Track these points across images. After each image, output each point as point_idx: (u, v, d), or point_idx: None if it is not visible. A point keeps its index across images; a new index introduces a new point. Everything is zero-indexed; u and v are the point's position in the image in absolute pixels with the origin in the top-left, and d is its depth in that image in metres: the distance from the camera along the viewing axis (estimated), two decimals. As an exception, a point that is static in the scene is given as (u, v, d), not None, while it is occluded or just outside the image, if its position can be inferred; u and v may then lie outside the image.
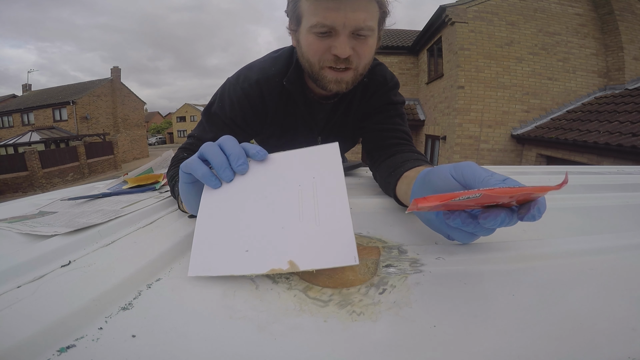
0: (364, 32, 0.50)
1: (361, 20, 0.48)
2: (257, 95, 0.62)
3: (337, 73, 0.54)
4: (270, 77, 0.62)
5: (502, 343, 0.22)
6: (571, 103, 5.74)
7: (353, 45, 0.51)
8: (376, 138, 0.67)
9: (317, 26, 0.49)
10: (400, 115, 0.69)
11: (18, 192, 9.93)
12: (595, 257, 0.34)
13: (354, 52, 0.52)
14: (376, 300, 0.27)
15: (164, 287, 0.30)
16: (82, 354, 0.21)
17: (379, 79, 0.69)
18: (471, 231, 0.31)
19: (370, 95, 0.69)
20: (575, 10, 5.73)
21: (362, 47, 0.52)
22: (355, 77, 0.56)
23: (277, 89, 0.63)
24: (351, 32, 0.49)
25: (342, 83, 0.55)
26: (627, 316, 0.24)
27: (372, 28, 0.50)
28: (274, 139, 0.74)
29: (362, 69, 0.56)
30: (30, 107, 15.88)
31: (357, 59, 0.53)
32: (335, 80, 0.54)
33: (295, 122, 0.70)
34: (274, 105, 0.64)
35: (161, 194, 0.67)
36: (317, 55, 0.53)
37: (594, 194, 0.60)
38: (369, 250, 0.37)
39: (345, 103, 0.68)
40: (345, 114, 0.71)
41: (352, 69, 0.54)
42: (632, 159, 3.35)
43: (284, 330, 0.24)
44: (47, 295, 0.27)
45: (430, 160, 7.44)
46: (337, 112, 0.69)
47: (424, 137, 7.63)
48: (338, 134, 0.75)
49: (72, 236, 0.40)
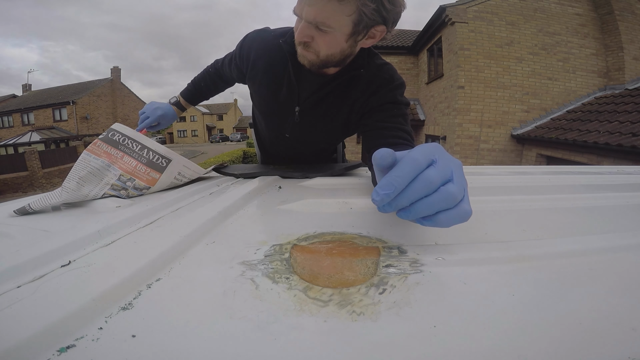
0: (321, 27, 0.56)
1: (312, 16, 0.55)
2: (247, 42, 0.76)
3: (302, 50, 0.63)
4: (269, 32, 0.74)
5: (502, 343, 0.22)
6: (571, 103, 5.74)
7: (313, 34, 0.58)
8: (377, 136, 0.67)
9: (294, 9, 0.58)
10: (403, 116, 0.70)
11: (18, 192, 9.93)
12: (595, 257, 0.34)
13: (313, 40, 0.59)
14: (376, 300, 0.27)
15: (164, 287, 0.30)
16: (82, 354, 0.21)
17: (386, 77, 0.70)
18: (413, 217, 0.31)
19: (375, 90, 0.69)
20: (575, 10, 5.73)
21: (320, 38, 0.59)
22: (318, 60, 0.63)
23: (272, 45, 0.72)
24: (311, 23, 0.56)
25: (306, 59, 0.64)
26: (627, 316, 0.24)
27: (330, 26, 0.56)
28: (259, 82, 0.79)
29: (325, 57, 0.62)
30: (30, 107, 15.87)
31: (317, 46, 0.60)
32: (301, 55, 0.64)
33: (279, 83, 0.74)
34: (258, 53, 0.74)
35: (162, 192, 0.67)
36: (295, 31, 0.62)
37: (594, 194, 0.60)
38: (369, 250, 0.37)
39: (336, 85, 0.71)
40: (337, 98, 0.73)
41: (312, 52, 0.62)
42: (632, 159, 3.35)
43: (284, 330, 0.24)
44: (47, 295, 0.27)
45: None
46: (325, 89, 0.71)
47: (424, 137, 7.63)
48: (320, 112, 0.76)
49: (72, 236, 0.40)
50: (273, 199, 0.60)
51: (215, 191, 0.65)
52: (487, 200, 0.56)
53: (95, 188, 0.58)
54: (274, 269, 0.33)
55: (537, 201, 0.57)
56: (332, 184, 0.74)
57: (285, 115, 0.78)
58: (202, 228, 0.43)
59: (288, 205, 0.55)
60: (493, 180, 0.76)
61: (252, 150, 8.72)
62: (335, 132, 0.81)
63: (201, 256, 0.36)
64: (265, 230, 0.44)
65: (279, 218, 0.50)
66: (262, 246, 0.38)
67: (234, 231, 0.44)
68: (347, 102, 0.72)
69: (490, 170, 0.95)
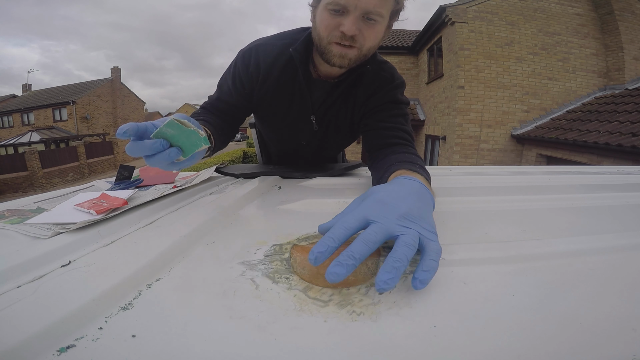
0: (373, 17, 0.54)
1: (372, 5, 0.52)
2: (252, 57, 0.68)
3: (342, 48, 0.57)
4: (271, 43, 0.69)
5: (502, 343, 0.22)
6: (571, 103, 5.74)
7: (361, 27, 0.55)
8: (376, 136, 0.67)
9: (332, 4, 0.54)
10: (404, 116, 0.69)
11: (18, 192, 9.93)
12: (595, 257, 0.34)
13: (360, 33, 0.55)
14: (376, 300, 0.27)
15: (164, 287, 0.30)
16: (82, 354, 0.21)
17: (387, 75, 0.69)
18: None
19: (375, 89, 0.69)
20: (575, 10, 5.73)
21: (369, 30, 0.56)
22: (359, 56, 0.59)
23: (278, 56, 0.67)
24: (361, 14, 0.53)
25: (346, 59, 0.59)
26: (627, 316, 0.24)
27: (382, 15, 0.54)
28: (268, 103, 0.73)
29: (366, 51, 0.59)
30: (30, 107, 15.88)
31: (362, 39, 0.57)
32: (339, 55, 0.58)
33: (290, 95, 0.71)
34: (267, 68, 0.68)
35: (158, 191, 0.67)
36: (327, 30, 0.57)
37: (594, 194, 0.60)
38: (369, 250, 0.37)
39: (345, 87, 0.69)
40: (344, 99, 0.71)
41: (356, 48, 0.58)
42: (632, 159, 3.35)
43: (284, 330, 0.24)
44: (47, 295, 0.27)
45: (431, 161, 7.42)
46: (334, 94, 0.70)
47: (424, 137, 7.63)
48: (333, 119, 0.75)
49: (72, 236, 0.40)
50: (273, 199, 0.60)
51: (215, 191, 0.65)
52: (487, 200, 0.56)
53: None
54: (274, 269, 0.33)
55: (537, 201, 0.57)
56: (332, 184, 0.74)
57: (302, 125, 0.76)
58: (202, 228, 0.43)
59: (288, 205, 0.55)
60: (493, 180, 0.76)
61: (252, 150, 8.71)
62: (344, 133, 0.80)
63: (201, 256, 0.36)
64: (265, 230, 0.44)
65: (279, 218, 0.50)
66: (262, 246, 0.38)
67: (234, 231, 0.44)
68: (352, 102, 0.72)
69: (490, 170, 0.95)
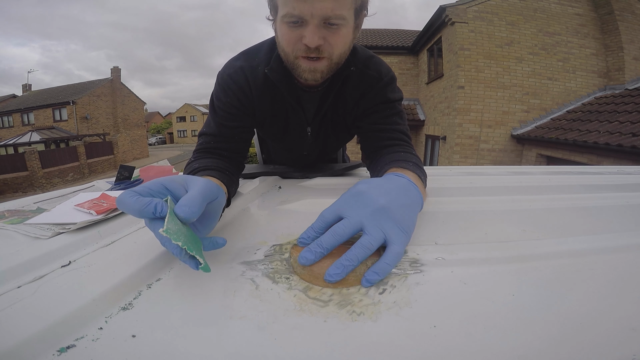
0: (335, 21, 0.49)
1: (329, 10, 0.48)
2: (242, 80, 0.62)
3: (311, 62, 0.53)
4: (254, 65, 0.63)
5: (502, 343, 0.22)
6: (571, 103, 5.74)
7: (324, 34, 0.51)
8: (372, 139, 0.66)
9: (287, 16, 0.49)
10: (398, 114, 0.67)
11: (18, 192, 9.94)
12: (595, 257, 0.34)
13: (325, 41, 0.51)
14: (376, 300, 0.27)
15: (164, 287, 0.30)
16: (82, 354, 0.21)
17: (374, 74, 0.65)
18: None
19: (364, 90, 0.66)
20: (575, 10, 5.73)
21: (334, 36, 0.51)
22: (330, 66, 0.55)
23: (261, 77, 0.63)
24: (321, 22, 0.49)
25: (317, 72, 0.55)
26: (627, 316, 0.24)
27: (344, 17, 0.50)
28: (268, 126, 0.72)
29: (337, 58, 0.55)
30: (30, 107, 15.87)
31: (330, 48, 0.52)
32: (309, 70, 0.54)
33: (284, 111, 0.68)
34: (258, 92, 0.64)
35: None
36: (290, 45, 0.53)
37: (594, 194, 0.60)
38: (369, 250, 0.37)
39: (334, 93, 0.66)
40: (336, 105, 0.69)
41: (325, 58, 0.53)
42: (632, 159, 3.35)
43: (284, 330, 0.24)
44: (47, 295, 0.27)
45: (431, 161, 7.39)
46: (325, 102, 0.67)
47: (424, 137, 7.63)
48: (329, 127, 0.73)
49: (72, 236, 0.40)
50: (273, 199, 0.60)
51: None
52: (487, 200, 0.56)
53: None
54: (274, 269, 0.33)
55: (537, 201, 0.57)
56: (332, 184, 0.74)
57: (300, 138, 0.74)
58: (202, 228, 0.43)
59: (288, 205, 0.55)
60: (493, 180, 0.76)
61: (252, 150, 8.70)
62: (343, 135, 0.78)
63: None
64: (265, 230, 0.44)
65: (279, 218, 0.50)
66: (262, 246, 0.38)
67: (234, 231, 0.44)
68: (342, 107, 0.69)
69: (490, 170, 0.95)
